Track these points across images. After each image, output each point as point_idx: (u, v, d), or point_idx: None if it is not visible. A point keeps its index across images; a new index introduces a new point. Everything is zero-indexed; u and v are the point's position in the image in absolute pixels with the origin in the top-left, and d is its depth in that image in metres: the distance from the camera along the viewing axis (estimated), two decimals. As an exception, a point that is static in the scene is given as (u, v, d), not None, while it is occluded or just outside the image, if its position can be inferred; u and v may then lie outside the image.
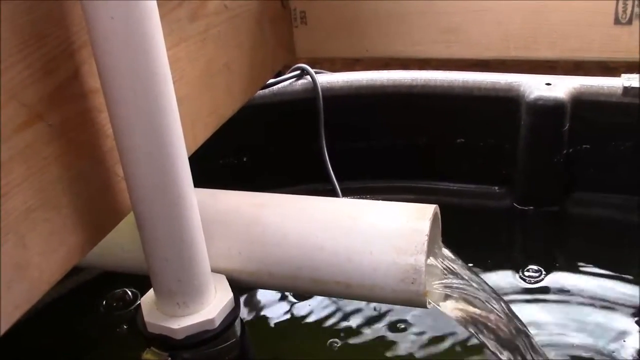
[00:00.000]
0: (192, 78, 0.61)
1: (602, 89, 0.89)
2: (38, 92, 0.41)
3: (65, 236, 0.44)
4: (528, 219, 0.96)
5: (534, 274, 0.84)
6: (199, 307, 0.52)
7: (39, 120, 0.41)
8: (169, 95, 0.44)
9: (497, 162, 0.97)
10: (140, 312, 0.53)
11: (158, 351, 0.53)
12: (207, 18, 0.63)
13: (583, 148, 0.93)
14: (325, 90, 0.97)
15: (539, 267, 0.86)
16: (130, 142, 0.44)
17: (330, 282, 0.54)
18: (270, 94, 0.97)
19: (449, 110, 0.96)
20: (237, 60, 0.70)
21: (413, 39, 0.85)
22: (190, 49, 0.60)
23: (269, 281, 0.57)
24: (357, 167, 1.01)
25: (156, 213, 0.47)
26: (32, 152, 0.41)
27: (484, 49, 0.83)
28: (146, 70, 0.42)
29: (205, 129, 0.64)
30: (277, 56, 0.82)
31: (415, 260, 0.51)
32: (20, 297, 0.40)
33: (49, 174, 0.42)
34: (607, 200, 0.94)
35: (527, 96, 0.89)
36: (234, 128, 0.71)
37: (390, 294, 0.52)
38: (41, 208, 0.42)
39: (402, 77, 0.97)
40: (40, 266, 0.42)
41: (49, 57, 0.42)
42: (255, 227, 0.56)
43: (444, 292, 0.55)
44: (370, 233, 0.53)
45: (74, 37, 0.44)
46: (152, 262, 0.50)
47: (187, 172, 0.47)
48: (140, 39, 0.41)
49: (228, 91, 0.69)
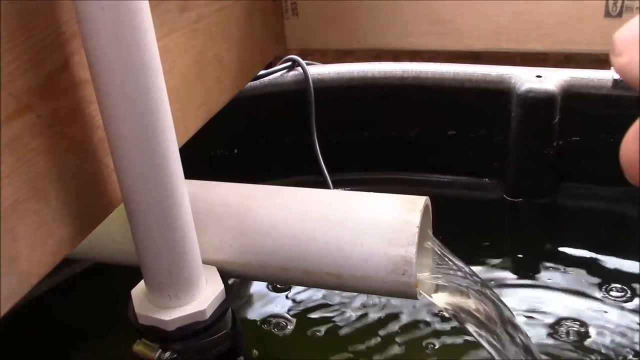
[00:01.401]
0: (182, 69, 0.61)
1: (592, 82, 0.89)
2: (27, 83, 0.41)
3: (55, 228, 0.44)
4: (518, 211, 0.96)
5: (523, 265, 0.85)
6: (190, 298, 0.52)
7: (27, 111, 0.41)
8: (160, 87, 0.44)
9: (488, 154, 0.97)
10: (131, 303, 0.53)
11: (149, 343, 0.53)
12: (198, 9, 0.62)
13: (573, 140, 0.93)
14: (317, 82, 0.97)
15: (529, 258, 0.86)
16: (120, 134, 0.44)
17: (322, 273, 0.54)
18: (261, 86, 0.97)
19: (440, 102, 0.96)
20: (227, 52, 0.70)
21: (404, 31, 0.84)
22: (180, 40, 0.60)
23: (260, 273, 0.57)
24: (349, 159, 1.01)
25: (147, 204, 0.47)
26: (20, 143, 0.40)
27: (475, 41, 0.83)
28: (137, 61, 0.41)
29: (195, 120, 0.64)
30: (268, 48, 0.82)
31: (406, 251, 0.51)
32: (9, 289, 0.40)
33: (37, 166, 0.42)
34: (598, 192, 0.95)
35: (518, 88, 0.89)
36: (224, 120, 0.71)
37: (381, 285, 0.53)
38: (30, 200, 0.41)
39: (394, 69, 0.97)
40: (29, 258, 0.42)
41: (38, 48, 0.41)
42: (246, 218, 0.56)
43: (435, 283, 0.55)
44: (361, 224, 0.53)
45: (63, 27, 0.43)
46: (142, 254, 0.50)
47: (178, 164, 0.47)
48: (131, 30, 0.40)
49: (218, 83, 0.69)
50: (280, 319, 0.80)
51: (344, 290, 0.74)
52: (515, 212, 0.97)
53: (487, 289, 0.57)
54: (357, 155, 1.02)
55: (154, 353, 0.52)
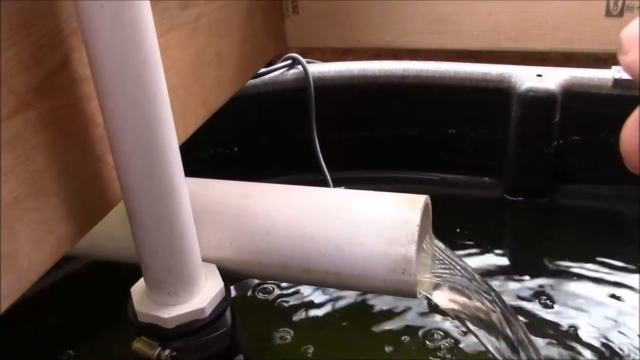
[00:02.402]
0: (182, 67, 0.61)
1: (592, 81, 0.89)
2: (27, 80, 0.41)
3: (55, 225, 0.44)
4: (518, 210, 0.96)
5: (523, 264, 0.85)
6: (190, 296, 0.52)
7: (27, 108, 0.41)
8: (160, 84, 0.44)
9: (488, 153, 0.97)
10: (131, 301, 0.53)
11: (148, 340, 0.53)
12: (198, 7, 0.62)
13: (573, 139, 0.93)
14: (317, 80, 0.97)
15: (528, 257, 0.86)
16: (120, 131, 0.43)
17: (321, 271, 0.54)
18: (261, 84, 0.97)
19: (440, 100, 0.96)
20: (227, 50, 0.70)
21: (404, 30, 0.84)
22: (180, 38, 0.60)
23: (260, 271, 0.57)
24: (349, 157, 1.01)
25: (147, 202, 0.47)
26: (20, 140, 0.40)
27: (475, 40, 0.83)
28: (137, 58, 0.41)
29: (196, 118, 0.64)
30: (268, 46, 0.82)
31: (405, 250, 0.51)
32: (8, 287, 0.40)
33: (37, 163, 0.42)
34: (597, 192, 0.95)
35: (518, 87, 0.89)
36: (224, 117, 0.71)
37: (380, 284, 0.53)
38: (30, 197, 0.41)
39: (394, 68, 0.97)
40: (29, 256, 0.42)
41: (38, 45, 0.41)
42: (245, 217, 0.56)
43: (435, 282, 0.55)
44: (361, 223, 0.53)
45: (63, 24, 0.43)
46: (142, 252, 0.50)
47: (178, 161, 0.47)
48: (131, 27, 0.40)
49: (219, 81, 0.69)
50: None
51: (343, 289, 0.73)
52: (515, 211, 0.97)
53: (487, 288, 0.57)
54: (357, 153, 1.02)
55: (153, 351, 0.52)
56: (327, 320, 0.79)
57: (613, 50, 0.80)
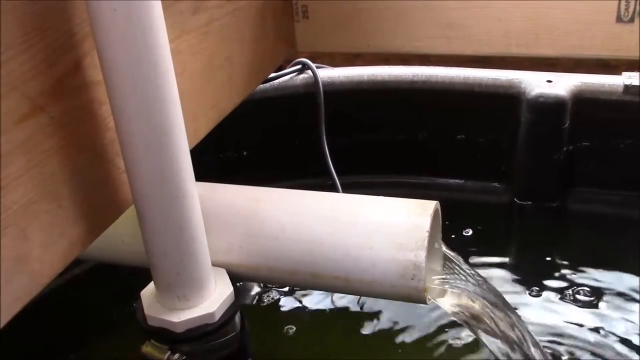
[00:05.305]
0: (193, 71, 0.61)
1: (602, 87, 0.89)
2: (40, 84, 0.41)
3: (66, 229, 0.44)
4: (527, 215, 0.96)
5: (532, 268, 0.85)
6: (199, 300, 0.52)
7: (40, 112, 0.41)
8: (171, 89, 0.44)
9: (497, 158, 0.97)
10: (140, 305, 0.54)
11: (158, 344, 0.53)
12: (209, 11, 0.63)
13: (583, 145, 0.93)
14: (326, 85, 0.97)
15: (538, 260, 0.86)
16: (131, 135, 0.44)
17: (329, 276, 0.54)
18: (271, 88, 0.97)
19: (450, 106, 0.96)
20: (238, 54, 0.70)
21: (414, 35, 0.85)
22: (192, 42, 0.60)
23: (269, 275, 0.57)
24: (358, 162, 1.01)
25: (157, 206, 0.47)
26: (33, 144, 0.41)
27: (485, 45, 0.83)
28: (148, 62, 0.42)
29: (206, 122, 0.64)
30: (279, 50, 0.82)
31: (415, 256, 0.51)
32: (21, 289, 0.40)
33: (49, 167, 0.42)
34: (607, 197, 0.95)
35: (528, 93, 0.89)
36: (234, 122, 0.71)
37: (389, 289, 0.53)
38: (42, 200, 0.42)
39: (404, 73, 0.96)
40: (41, 259, 0.42)
41: (51, 49, 0.42)
42: (254, 221, 0.56)
43: (443, 288, 0.55)
44: (370, 228, 0.53)
45: (76, 29, 0.44)
46: (152, 255, 0.50)
47: (189, 166, 0.47)
48: (143, 32, 0.41)
49: (229, 85, 0.69)
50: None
51: (352, 294, 0.73)
52: (524, 216, 0.97)
53: (495, 293, 0.57)
54: (366, 158, 1.02)
55: (162, 355, 0.52)
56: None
57: (623, 56, 0.80)
